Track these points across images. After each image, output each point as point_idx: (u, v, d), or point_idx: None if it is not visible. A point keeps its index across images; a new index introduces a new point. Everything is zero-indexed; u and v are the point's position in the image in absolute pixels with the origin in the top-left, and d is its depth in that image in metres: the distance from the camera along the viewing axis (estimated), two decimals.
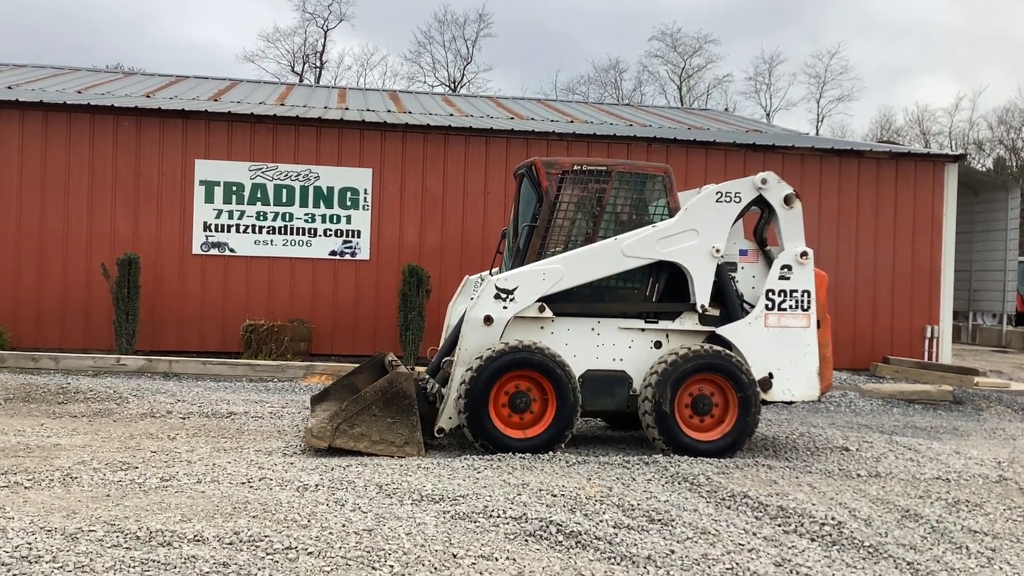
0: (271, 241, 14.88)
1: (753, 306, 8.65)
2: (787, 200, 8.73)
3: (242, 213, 14.82)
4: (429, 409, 8.32)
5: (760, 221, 8.94)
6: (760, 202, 8.78)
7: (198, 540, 4.98)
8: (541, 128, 16.40)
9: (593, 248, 8.46)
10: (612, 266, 8.44)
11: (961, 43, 73.92)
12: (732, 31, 70.11)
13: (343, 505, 5.93)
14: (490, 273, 9.65)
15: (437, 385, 8.42)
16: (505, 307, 8.21)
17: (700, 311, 8.52)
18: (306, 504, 5.89)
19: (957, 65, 73.94)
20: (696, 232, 8.50)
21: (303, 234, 14.95)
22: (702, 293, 8.52)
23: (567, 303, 8.47)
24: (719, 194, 8.61)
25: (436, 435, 8.23)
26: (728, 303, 8.63)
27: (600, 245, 8.46)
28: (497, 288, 8.21)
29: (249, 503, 5.84)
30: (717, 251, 8.50)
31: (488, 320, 8.17)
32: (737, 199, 8.63)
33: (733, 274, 8.77)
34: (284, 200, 14.90)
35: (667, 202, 8.76)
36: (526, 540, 5.45)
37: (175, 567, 4.55)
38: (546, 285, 8.27)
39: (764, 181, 8.70)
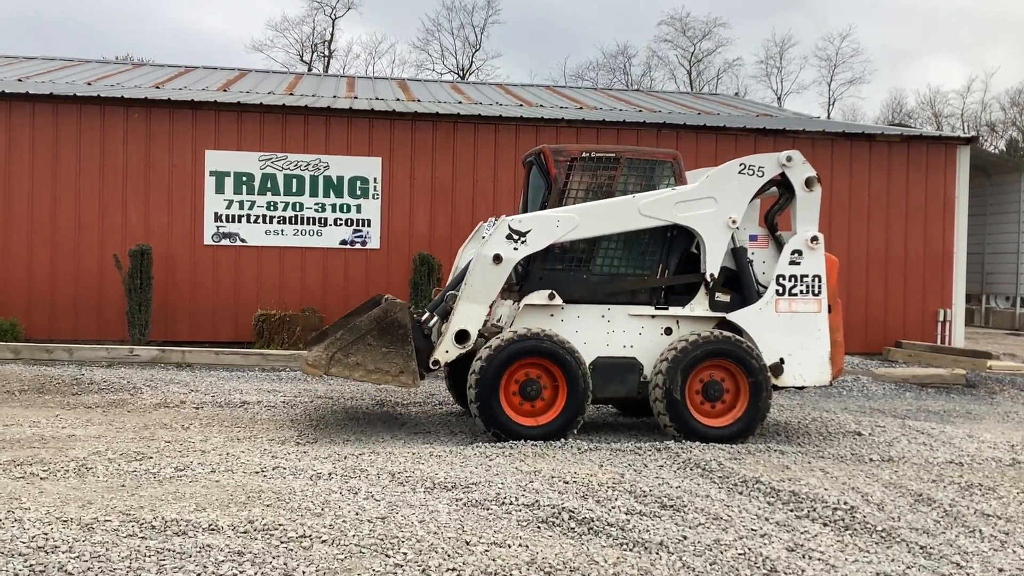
0: (282, 231, 14.90)
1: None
2: (808, 183, 8.70)
3: (252, 203, 14.84)
4: (425, 343, 8.31)
5: (774, 206, 8.92)
6: (780, 183, 8.77)
7: (213, 529, 5.02)
8: (550, 115, 16.36)
9: (609, 202, 8.47)
10: (626, 223, 8.43)
11: (965, 24, 73.31)
12: (741, 14, 69.73)
13: (356, 493, 5.96)
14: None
15: (436, 318, 8.43)
16: (516, 248, 8.22)
17: (709, 279, 8.49)
18: (319, 493, 5.92)
19: (963, 46, 73.36)
20: (715, 200, 8.49)
21: (313, 223, 14.97)
22: (713, 262, 8.51)
23: (577, 288, 8.47)
24: (742, 166, 8.60)
25: (431, 367, 8.25)
26: (745, 288, 8.61)
27: (617, 200, 8.48)
28: (510, 228, 8.23)
29: (263, 492, 5.87)
30: (733, 222, 8.49)
31: (497, 259, 8.18)
32: (760, 173, 8.61)
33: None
34: (294, 190, 14.91)
35: (675, 187, 8.74)
36: (538, 527, 5.47)
37: (190, 556, 4.58)
38: (559, 232, 8.28)
39: (789, 159, 8.67)
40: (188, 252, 14.73)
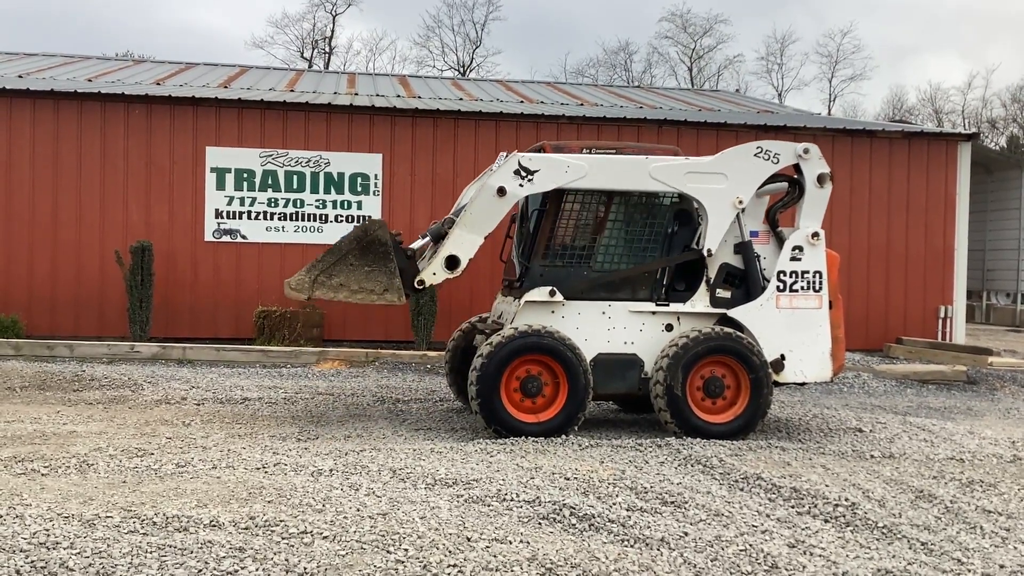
0: (282, 227, 14.90)
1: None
2: (820, 179, 8.69)
3: (253, 200, 14.84)
4: (409, 265, 8.29)
5: (777, 202, 8.90)
6: (790, 179, 8.76)
7: (214, 525, 5.02)
8: (551, 112, 16.34)
9: (621, 157, 8.49)
10: (635, 182, 8.42)
11: (966, 20, 73.22)
12: (742, 10, 69.65)
13: (357, 490, 5.96)
14: (500, 258, 9.67)
15: (429, 239, 8.40)
16: (521, 185, 8.22)
17: (707, 254, 8.48)
18: (320, 489, 5.92)
19: (963, 43, 73.29)
20: (725, 177, 8.49)
21: (314, 220, 14.96)
22: (713, 238, 8.49)
23: (578, 284, 8.46)
24: (759, 149, 8.60)
25: (416, 287, 8.24)
26: (751, 282, 8.60)
27: (629, 157, 8.50)
28: (520, 164, 8.22)
29: (264, 488, 5.87)
30: (740, 202, 8.48)
31: (502, 191, 8.17)
32: (775, 160, 8.60)
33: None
34: (295, 186, 14.91)
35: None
36: (539, 523, 5.47)
37: (191, 552, 4.59)
38: (567, 177, 8.28)
39: (807, 151, 8.67)
40: (189, 249, 14.73)
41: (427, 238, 8.47)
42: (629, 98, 21.85)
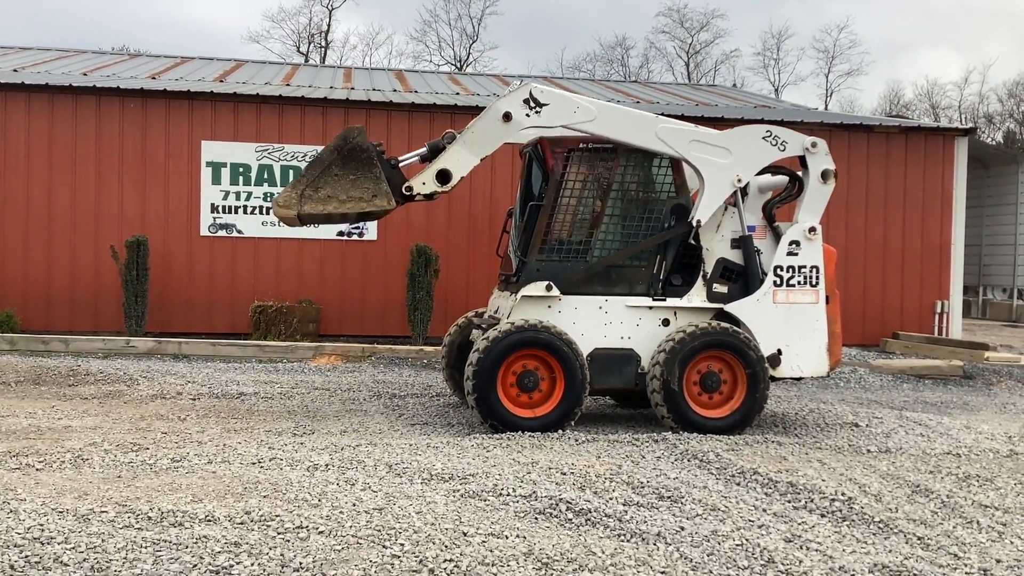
0: (278, 222, 14.81)
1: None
2: (824, 175, 8.70)
3: (249, 194, 14.79)
4: (393, 172, 8.28)
5: (775, 197, 8.89)
6: (791, 172, 8.76)
7: (209, 520, 5.00)
8: None
9: (631, 110, 8.57)
10: (639, 138, 8.42)
11: (963, 15, 73.20)
12: (738, 5, 69.57)
13: (353, 484, 5.94)
14: (497, 253, 9.66)
15: (427, 152, 8.43)
16: (528, 115, 8.23)
17: (695, 224, 8.47)
18: (316, 484, 5.90)
19: (960, 38, 73.27)
20: (729, 152, 8.50)
21: None
22: (705, 210, 8.49)
23: (574, 279, 8.43)
24: (768, 133, 8.62)
25: (404, 193, 8.21)
26: (751, 276, 8.58)
27: (639, 113, 8.57)
28: (531, 95, 8.22)
29: (260, 483, 5.86)
30: (739, 180, 8.49)
31: (507, 117, 8.18)
32: (782, 147, 8.61)
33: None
34: (291, 181, 14.84)
35: (674, 177, 8.71)
36: (536, 518, 5.46)
37: (187, 547, 4.57)
38: (575, 118, 8.29)
39: (814, 145, 8.69)
40: (185, 243, 14.69)
41: (424, 150, 8.48)
42: (626, 93, 21.82)
